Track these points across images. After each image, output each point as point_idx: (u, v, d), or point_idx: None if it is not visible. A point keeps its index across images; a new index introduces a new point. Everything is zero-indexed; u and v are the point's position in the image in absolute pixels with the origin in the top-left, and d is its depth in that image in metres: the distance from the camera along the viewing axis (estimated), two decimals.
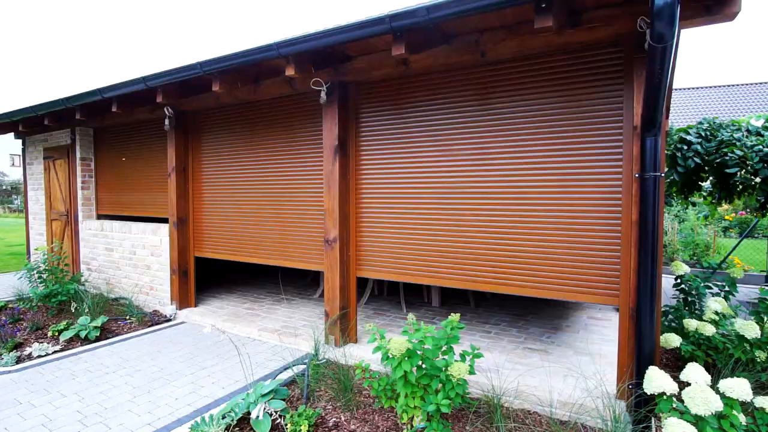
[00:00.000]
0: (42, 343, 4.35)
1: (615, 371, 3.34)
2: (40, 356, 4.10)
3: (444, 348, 2.71)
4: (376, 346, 2.78)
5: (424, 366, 2.65)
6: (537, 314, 5.12)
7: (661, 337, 3.29)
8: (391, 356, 2.62)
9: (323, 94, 3.83)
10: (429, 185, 3.65)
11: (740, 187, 5.38)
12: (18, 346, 4.33)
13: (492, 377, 3.24)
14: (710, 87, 22.98)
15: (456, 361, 2.59)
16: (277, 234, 4.58)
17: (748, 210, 14.87)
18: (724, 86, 22.51)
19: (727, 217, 13.86)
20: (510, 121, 3.29)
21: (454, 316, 2.75)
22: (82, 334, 4.44)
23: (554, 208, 3.14)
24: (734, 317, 3.67)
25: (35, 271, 5.42)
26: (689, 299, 4.13)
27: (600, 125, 2.99)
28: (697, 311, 4.11)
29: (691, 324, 3.50)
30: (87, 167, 6.44)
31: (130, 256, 5.84)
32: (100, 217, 6.58)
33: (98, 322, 4.61)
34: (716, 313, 3.66)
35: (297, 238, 4.42)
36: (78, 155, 6.35)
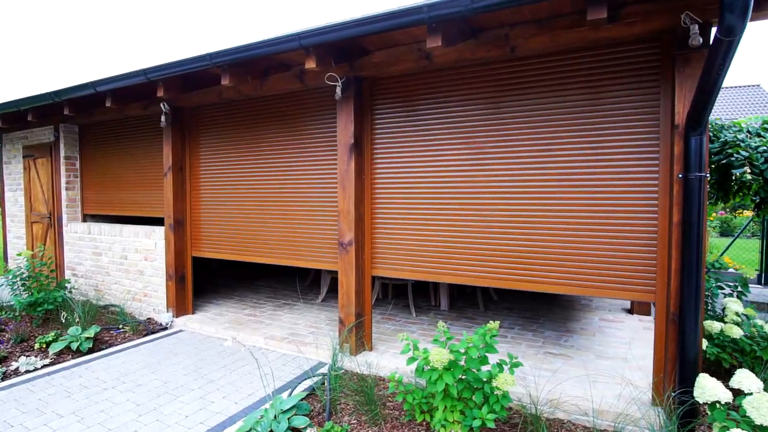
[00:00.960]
0: (29, 356, 4.01)
1: (646, 376, 3.27)
2: (28, 371, 3.78)
3: (480, 357, 2.57)
4: (410, 357, 2.62)
5: (464, 378, 2.49)
6: (547, 316, 5.04)
7: None
8: (429, 368, 2.46)
9: (338, 90, 3.64)
10: (450, 182, 3.49)
11: (735, 187, 5.44)
12: (2, 361, 3.98)
13: (522, 385, 3.12)
14: None
15: (498, 372, 2.45)
16: (283, 232, 4.35)
17: (727, 210, 15.29)
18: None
19: (709, 217, 14.22)
20: (537, 117, 3.17)
21: (493, 324, 2.61)
22: (74, 346, 4.12)
23: (586, 205, 3.02)
24: (755, 318, 3.65)
25: (18, 278, 5.03)
26: None
27: (633, 124, 2.89)
28: (710, 312, 4.09)
29: (714, 326, 3.45)
30: (72, 166, 6.05)
31: (120, 260, 5.50)
32: (86, 218, 6.19)
33: (90, 333, 4.29)
34: (736, 314, 3.63)
35: (305, 235, 4.21)
36: (62, 153, 5.96)
